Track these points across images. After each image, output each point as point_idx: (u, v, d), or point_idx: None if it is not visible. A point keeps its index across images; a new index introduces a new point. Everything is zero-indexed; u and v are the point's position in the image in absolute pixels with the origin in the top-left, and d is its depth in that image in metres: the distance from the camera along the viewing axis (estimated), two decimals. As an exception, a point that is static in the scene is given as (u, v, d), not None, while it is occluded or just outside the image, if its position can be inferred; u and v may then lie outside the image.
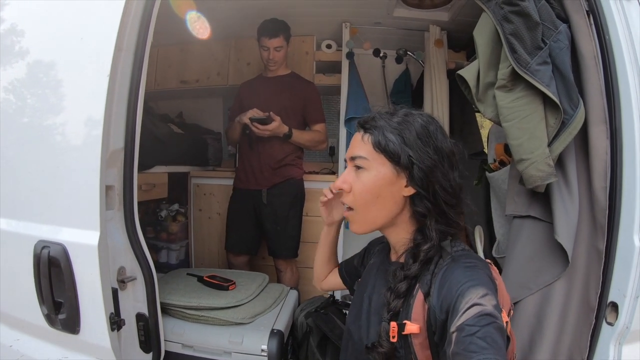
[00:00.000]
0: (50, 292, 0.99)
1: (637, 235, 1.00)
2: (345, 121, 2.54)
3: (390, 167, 0.81)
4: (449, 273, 0.76)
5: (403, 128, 0.82)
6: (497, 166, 1.50)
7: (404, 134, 0.81)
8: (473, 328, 0.64)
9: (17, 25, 1.14)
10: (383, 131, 0.82)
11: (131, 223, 1.09)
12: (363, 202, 0.83)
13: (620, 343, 1.03)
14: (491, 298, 0.69)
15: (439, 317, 0.73)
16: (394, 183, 0.82)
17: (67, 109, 1.04)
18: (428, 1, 2.21)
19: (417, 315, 0.77)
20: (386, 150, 0.81)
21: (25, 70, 1.11)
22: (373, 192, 0.82)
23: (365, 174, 0.83)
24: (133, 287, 1.10)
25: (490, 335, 0.64)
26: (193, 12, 2.00)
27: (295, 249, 2.24)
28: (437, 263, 0.79)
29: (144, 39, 1.05)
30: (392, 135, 0.81)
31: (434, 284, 0.76)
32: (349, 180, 0.85)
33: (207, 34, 2.17)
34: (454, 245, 0.81)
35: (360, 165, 0.83)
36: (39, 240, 1.00)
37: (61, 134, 1.04)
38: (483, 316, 0.66)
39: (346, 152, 0.88)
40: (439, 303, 0.74)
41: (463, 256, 0.79)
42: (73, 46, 1.03)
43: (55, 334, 1.04)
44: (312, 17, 2.41)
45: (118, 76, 1.01)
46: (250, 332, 1.33)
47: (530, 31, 1.08)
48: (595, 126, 1.07)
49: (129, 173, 1.07)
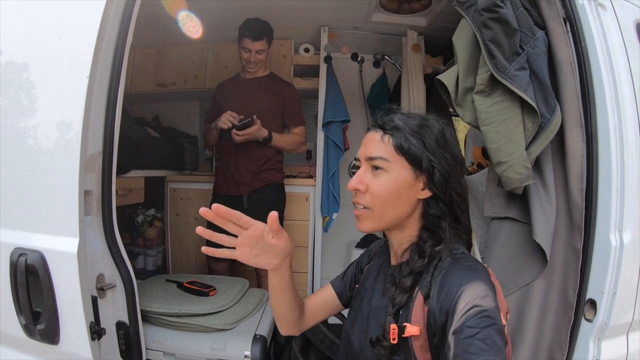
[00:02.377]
0: (28, 301, 0.98)
1: (613, 234, 1.07)
2: (323, 125, 2.59)
3: (410, 170, 0.83)
4: (449, 275, 0.77)
5: (423, 132, 0.84)
6: (474, 169, 1.57)
7: (425, 138, 0.84)
8: (473, 330, 0.66)
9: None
10: (405, 134, 0.83)
11: (110, 229, 1.09)
12: (381, 203, 0.84)
13: (599, 339, 1.10)
14: (491, 300, 0.71)
15: (439, 319, 0.75)
16: (412, 186, 0.84)
17: (44, 111, 1.03)
18: (406, 6, 2.29)
19: (417, 317, 0.79)
20: (409, 154, 0.83)
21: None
22: (392, 193, 0.83)
23: (385, 176, 0.84)
24: (113, 294, 1.10)
25: (491, 337, 0.66)
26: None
27: None
28: (436, 265, 0.81)
29: (123, 39, 1.05)
30: (414, 139, 0.83)
31: (433, 286, 0.78)
32: (365, 180, 0.85)
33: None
34: (453, 247, 0.84)
35: (380, 166, 0.84)
36: (16, 248, 0.99)
37: (38, 138, 1.03)
38: (483, 318, 0.67)
39: (360, 151, 0.89)
40: (439, 305, 0.75)
41: (462, 258, 0.81)
42: (51, 46, 1.03)
43: (34, 345, 1.02)
44: (290, 21, 2.46)
45: (97, 78, 1.01)
46: (233, 338, 1.34)
47: (509, 37, 1.14)
48: (572, 130, 1.14)
49: (108, 178, 1.07)
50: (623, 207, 1.08)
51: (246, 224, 0.81)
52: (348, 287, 1.07)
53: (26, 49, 1.07)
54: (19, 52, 1.08)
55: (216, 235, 0.80)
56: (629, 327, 1.14)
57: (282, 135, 2.21)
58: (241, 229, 0.81)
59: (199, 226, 0.79)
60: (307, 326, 1.05)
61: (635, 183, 1.09)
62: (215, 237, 0.80)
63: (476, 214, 1.55)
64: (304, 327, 1.04)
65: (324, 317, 1.09)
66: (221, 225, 0.80)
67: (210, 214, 0.77)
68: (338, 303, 1.07)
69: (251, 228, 0.81)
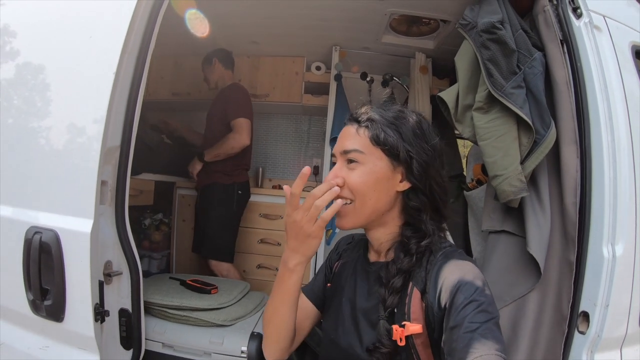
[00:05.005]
0: (38, 278, 1.07)
1: (605, 247, 1.12)
2: (330, 140, 2.70)
3: (387, 162, 0.84)
4: (444, 269, 0.78)
5: (399, 123, 0.85)
6: (474, 185, 1.65)
7: (401, 129, 0.85)
8: (473, 324, 0.68)
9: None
10: (380, 125, 0.84)
11: (121, 219, 1.18)
12: (360, 196, 0.84)
13: (592, 351, 1.13)
14: (487, 293, 0.73)
15: (437, 314, 0.76)
16: (390, 178, 0.85)
17: (73, 102, 1.16)
18: (415, 29, 2.42)
19: (416, 314, 0.79)
20: (385, 144, 0.83)
21: (18, 71, 1.24)
22: (369, 185, 0.83)
23: (360, 168, 0.84)
24: (118, 282, 1.18)
25: (491, 331, 0.68)
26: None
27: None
28: (428, 259, 0.82)
29: (147, 42, 1.18)
30: (390, 130, 0.84)
31: (429, 281, 0.79)
32: (341, 174, 0.85)
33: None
34: (442, 241, 0.86)
35: (355, 159, 0.84)
36: (31, 226, 1.09)
37: (64, 125, 1.14)
38: (482, 312, 0.69)
39: (336, 146, 0.90)
40: (437, 299, 0.76)
41: (454, 252, 0.83)
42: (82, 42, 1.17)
43: (38, 321, 1.10)
44: (303, 39, 2.62)
45: (121, 76, 1.13)
46: (231, 334, 1.41)
47: (506, 57, 1.25)
48: (567, 146, 1.21)
49: (123, 171, 1.18)
50: (615, 220, 1.13)
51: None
52: (322, 291, 1.04)
53: (58, 45, 1.21)
54: (52, 48, 1.22)
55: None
56: (622, 340, 1.16)
57: (212, 148, 2.38)
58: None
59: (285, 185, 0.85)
60: (293, 349, 1.01)
61: (627, 197, 1.15)
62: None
63: (476, 231, 1.61)
64: (292, 349, 1.00)
65: (308, 329, 1.05)
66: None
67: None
68: (317, 311, 1.04)
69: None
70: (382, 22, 2.25)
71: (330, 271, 1.05)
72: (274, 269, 2.63)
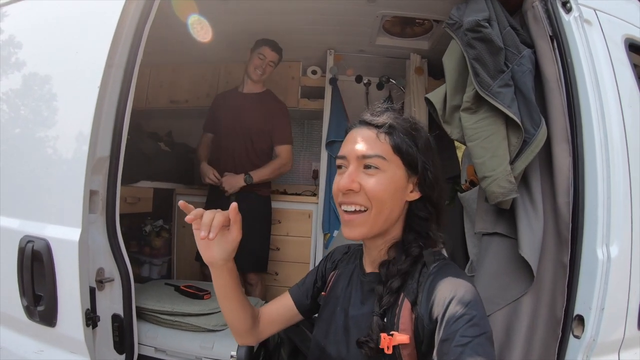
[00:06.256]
0: (31, 284, 1.14)
1: (600, 248, 1.11)
2: (327, 144, 2.73)
3: (404, 171, 0.85)
4: (436, 282, 0.79)
5: (417, 135, 0.87)
6: (467, 186, 1.64)
7: (417, 140, 0.86)
8: (464, 339, 0.68)
9: (15, 37, 1.35)
10: (401, 135, 0.85)
11: (112, 227, 1.23)
12: (377, 203, 0.83)
13: (588, 356, 1.11)
14: (480, 306, 0.73)
15: (427, 326, 0.76)
16: (405, 188, 0.86)
17: (60, 115, 1.23)
18: (409, 30, 2.44)
19: (405, 325, 0.80)
20: (405, 154, 0.85)
21: (21, 82, 1.31)
22: (389, 192, 0.83)
23: (380, 175, 0.84)
24: (111, 288, 1.23)
25: (482, 345, 0.68)
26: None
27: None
28: (421, 271, 0.83)
29: (134, 56, 1.23)
30: (409, 140, 0.85)
31: (421, 293, 0.80)
32: (357, 179, 0.84)
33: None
34: (435, 254, 0.86)
35: (376, 165, 0.84)
36: (25, 235, 1.15)
37: (52, 137, 1.21)
38: (474, 326, 0.69)
39: (348, 149, 0.87)
40: (428, 312, 0.76)
41: (447, 265, 0.83)
42: (69, 58, 1.23)
43: (33, 326, 1.16)
44: (299, 44, 2.66)
45: (108, 89, 1.18)
46: (221, 338, 1.46)
47: (493, 56, 1.25)
48: (558, 145, 1.20)
49: (113, 180, 1.23)
50: (610, 221, 1.12)
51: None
52: (306, 295, 1.06)
53: (47, 61, 1.28)
54: (40, 64, 1.29)
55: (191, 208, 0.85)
56: (620, 344, 1.15)
57: (261, 170, 2.37)
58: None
59: (181, 200, 0.86)
60: (263, 336, 1.05)
61: (622, 197, 1.13)
62: (187, 209, 0.84)
63: (471, 232, 1.60)
64: (260, 336, 1.05)
65: (281, 326, 1.07)
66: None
67: (185, 207, 0.84)
68: (296, 312, 1.06)
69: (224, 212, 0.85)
70: (374, 24, 2.28)
71: (322, 279, 1.07)
72: (273, 273, 2.67)
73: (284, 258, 2.64)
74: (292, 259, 2.66)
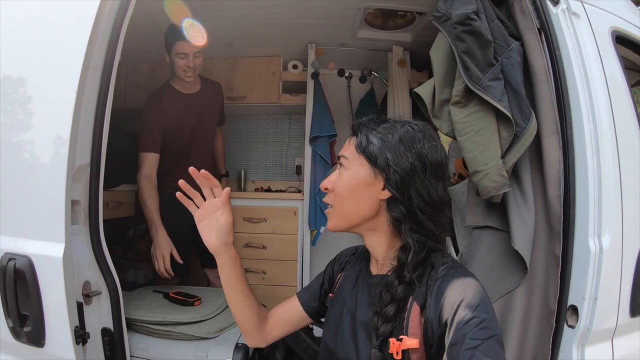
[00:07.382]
0: (15, 305, 1.08)
1: (592, 239, 1.13)
2: (310, 140, 2.71)
3: (369, 169, 0.88)
4: (445, 285, 0.80)
5: (386, 132, 0.89)
6: (456, 180, 1.66)
7: (386, 137, 0.88)
8: (475, 341, 0.70)
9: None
10: (367, 134, 0.90)
11: (96, 238, 1.19)
12: (339, 199, 0.91)
13: (582, 345, 1.14)
14: (489, 309, 0.75)
15: (437, 330, 0.77)
16: (371, 185, 0.88)
17: (36, 123, 1.16)
18: (391, 22, 2.43)
19: (414, 329, 0.81)
20: (365, 152, 0.88)
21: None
22: (349, 190, 0.90)
23: (344, 173, 0.91)
24: (98, 301, 1.19)
25: (492, 348, 0.69)
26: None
27: None
28: (429, 274, 0.84)
29: (111, 58, 1.18)
30: (374, 138, 0.88)
31: (429, 296, 0.81)
32: (333, 179, 0.94)
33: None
34: (443, 256, 0.87)
35: (341, 163, 0.92)
36: (6, 253, 1.10)
37: (29, 148, 1.15)
38: (484, 329, 0.71)
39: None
40: (437, 315, 0.78)
41: (456, 267, 0.84)
42: (44, 62, 1.17)
43: (20, 347, 1.12)
44: (279, 39, 2.63)
45: (85, 93, 1.13)
46: (215, 346, 1.42)
47: (482, 49, 1.24)
48: (548, 137, 1.21)
49: (95, 189, 1.18)
50: (601, 212, 1.14)
51: (218, 194, 0.96)
52: (313, 298, 1.09)
53: (23, 64, 1.21)
54: (16, 67, 1.21)
55: (192, 190, 0.98)
56: (613, 332, 1.18)
57: (222, 162, 2.53)
58: (211, 196, 0.97)
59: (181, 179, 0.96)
60: (271, 337, 1.08)
61: (612, 188, 1.15)
62: (190, 191, 0.98)
63: (460, 225, 1.62)
64: (268, 338, 1.08)
65: (290, 328, 1.10)
66: (200, 185, 0.97)
67: (196, 173, 0.94)
68: (304, 315, 1.08)
69: (216, 199, 0.96)
70: (356, 17, 2.26)
71: (330, 282, 1.10)
72: (260, 272, 2.66)
73: (271, 256, 2.63)
74: (279, 257, 2.66)
